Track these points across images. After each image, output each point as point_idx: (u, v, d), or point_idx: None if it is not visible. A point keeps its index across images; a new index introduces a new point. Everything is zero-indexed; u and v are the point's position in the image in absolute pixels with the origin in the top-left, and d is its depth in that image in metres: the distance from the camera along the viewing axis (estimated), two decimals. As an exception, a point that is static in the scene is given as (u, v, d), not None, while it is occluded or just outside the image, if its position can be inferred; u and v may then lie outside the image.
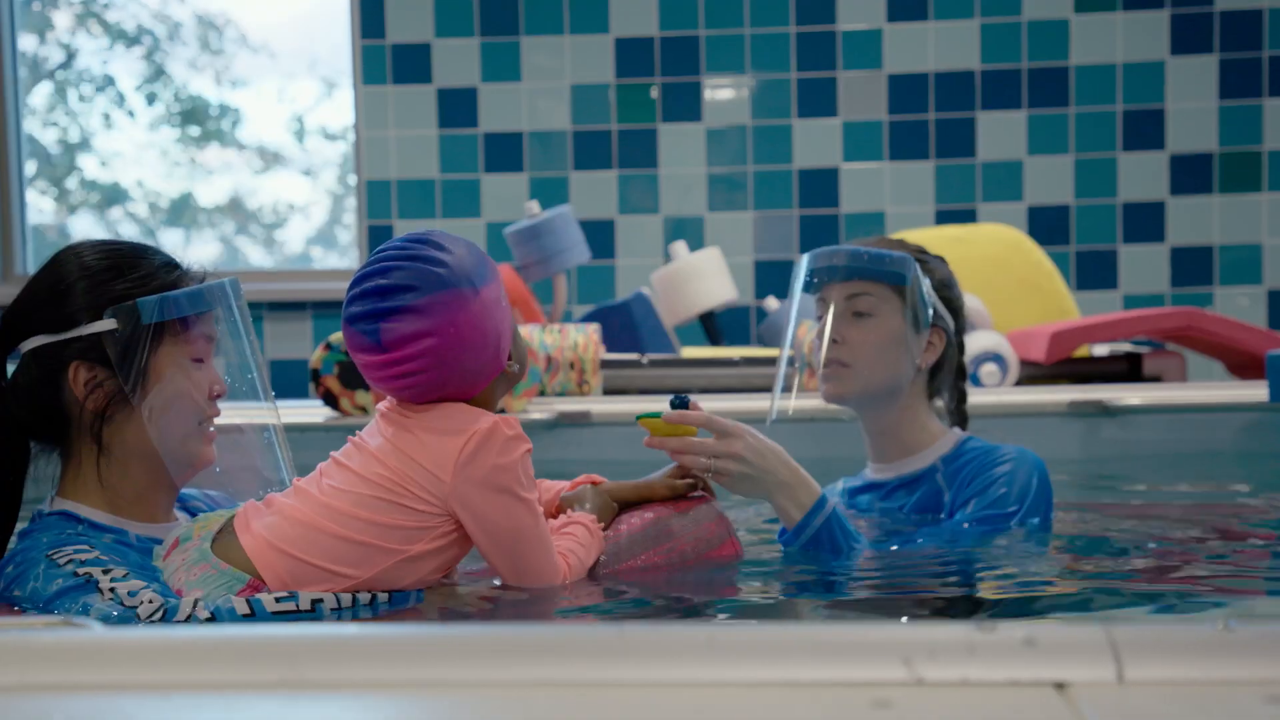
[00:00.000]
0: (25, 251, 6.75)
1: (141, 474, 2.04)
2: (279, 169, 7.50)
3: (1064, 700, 1.09)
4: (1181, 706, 1.09)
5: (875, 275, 2.58)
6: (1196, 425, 4.02)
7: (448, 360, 1.90)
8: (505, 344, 1.97)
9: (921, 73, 6.39)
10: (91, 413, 2.01)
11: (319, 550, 1.88)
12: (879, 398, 2.61)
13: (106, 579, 1.87)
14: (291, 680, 1.14)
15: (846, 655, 1.15)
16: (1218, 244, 6.33)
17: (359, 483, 1.90)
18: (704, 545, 2.17)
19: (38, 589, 1.89)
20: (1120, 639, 1.15)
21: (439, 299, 1.89)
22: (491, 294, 1.93)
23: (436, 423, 1.91)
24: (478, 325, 1.91)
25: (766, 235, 6.45)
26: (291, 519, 1.90)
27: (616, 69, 6.45)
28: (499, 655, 1.15)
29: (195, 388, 2.04)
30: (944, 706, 1.09)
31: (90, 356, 2.00)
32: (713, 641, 1.14)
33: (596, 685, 1.12)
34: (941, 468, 2.61)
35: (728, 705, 1.09)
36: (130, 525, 2.04)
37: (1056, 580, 2.25)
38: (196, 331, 2.05)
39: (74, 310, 2.00)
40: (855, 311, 2.58)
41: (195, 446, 2.06)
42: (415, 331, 1.89)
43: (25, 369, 2.04)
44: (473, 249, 1.96)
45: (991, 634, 1.16)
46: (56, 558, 1.92)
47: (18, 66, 6.79)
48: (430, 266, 1.90)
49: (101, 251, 2.06)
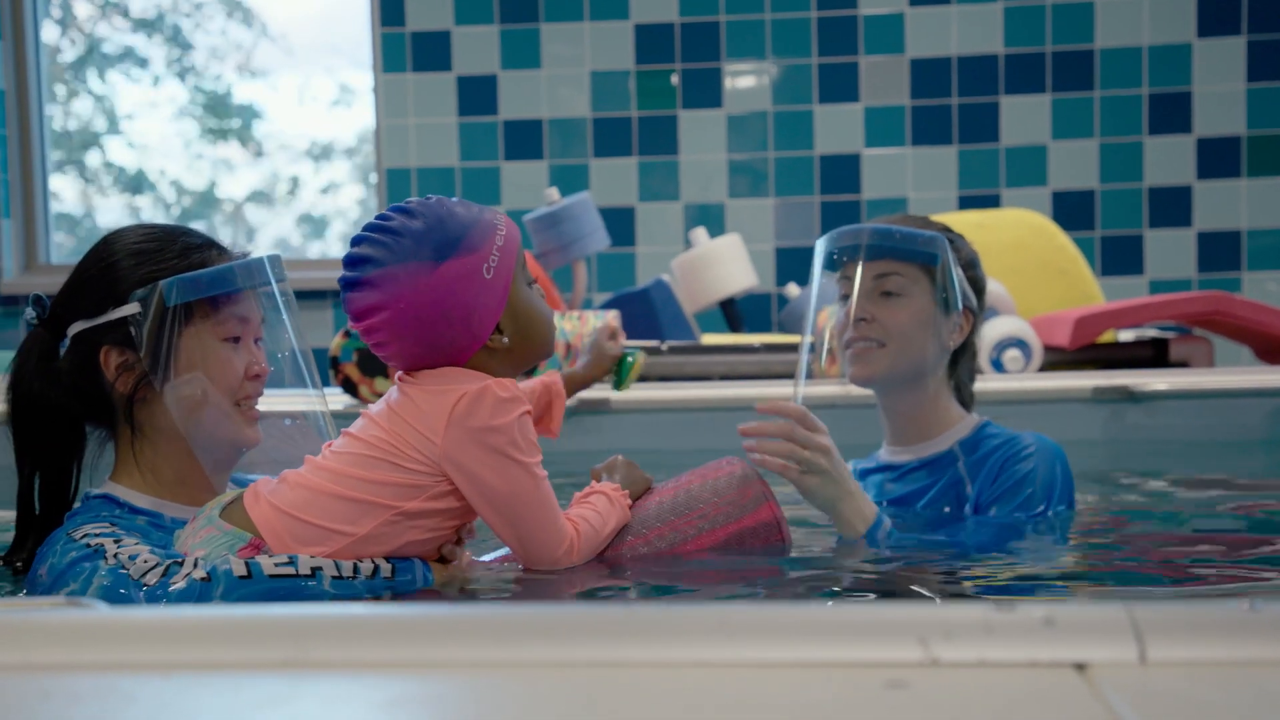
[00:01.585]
0: (48, 241, 6.76)
1: (179, 455, 2.06)
2: (307, 162, 7.53)
3: (1084, 681, 1.07)
4: (1206, 687, 1.06)
5: (907, 255, 2.52)
6: (1223, 411, 3.98)
7: (404, 334, 1.91)
8: (483, 318, 1.93)
9: (944, 57, 6.34)
10: (124, 395, 2.03)
11: (316, 509, 1.88)
12: (905, 380, 2.57)
13: (114, 546, 1.88)
14: (297, 660, 1.12)
15: (861, 635, 1.12)
16: (1245, 228, 6.27)
17: (356, 445, 1.92)
18: (738, 510, 2.13)
19: (54, 563, 1.90)
20: (1143, 619, 1.12)
21: (392, 272, 1.89)
22: (461, 267, 1.90)
23: (430, 384, 1.92)
24: (435, 300, 1.89)
25: (788, 222, 6.42)
26: (293, 484, 1.91)
27: (636, 55, 6.43)
28: (506, 635, 1.13)
29: (225, 368, 2.04)
30: (960, 687, 1.06)
31: (120, 340, 2.02)
32: (724, 621, 1.12)
33: (606, 665, 1.10)
34: (960, 454, 2.57)
35: (739, 685, 1.07)
36: (170, 508, 2.05)
37: (1078, 564, 2.23)
38: (228, 311, 2.04)
39: (106, 295, 2.03)
40: (884, 291, 2.53)
41: (232, 427, 2.05)
42: (371, 304, 1.90)
43: (68, 355, 2.06)
44: (456, 219, 1.93)
45: (1010, 614, 1.14)
46: (74, 534, 1.93)
47: (40, 56, 6.80)
48: (390, 238, 1.90)
49: (142, 235, 2.07)
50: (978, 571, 2.16)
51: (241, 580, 1.80)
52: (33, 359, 2.07)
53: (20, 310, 6.52)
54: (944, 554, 2.26)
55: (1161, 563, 2.25)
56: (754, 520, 2.13)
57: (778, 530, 2.14)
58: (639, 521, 2.12)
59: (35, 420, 2.07)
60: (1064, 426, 3.62)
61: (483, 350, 1.95)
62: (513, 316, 1.96)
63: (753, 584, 2.05)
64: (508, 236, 1.95)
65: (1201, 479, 3.51)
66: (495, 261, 1.92)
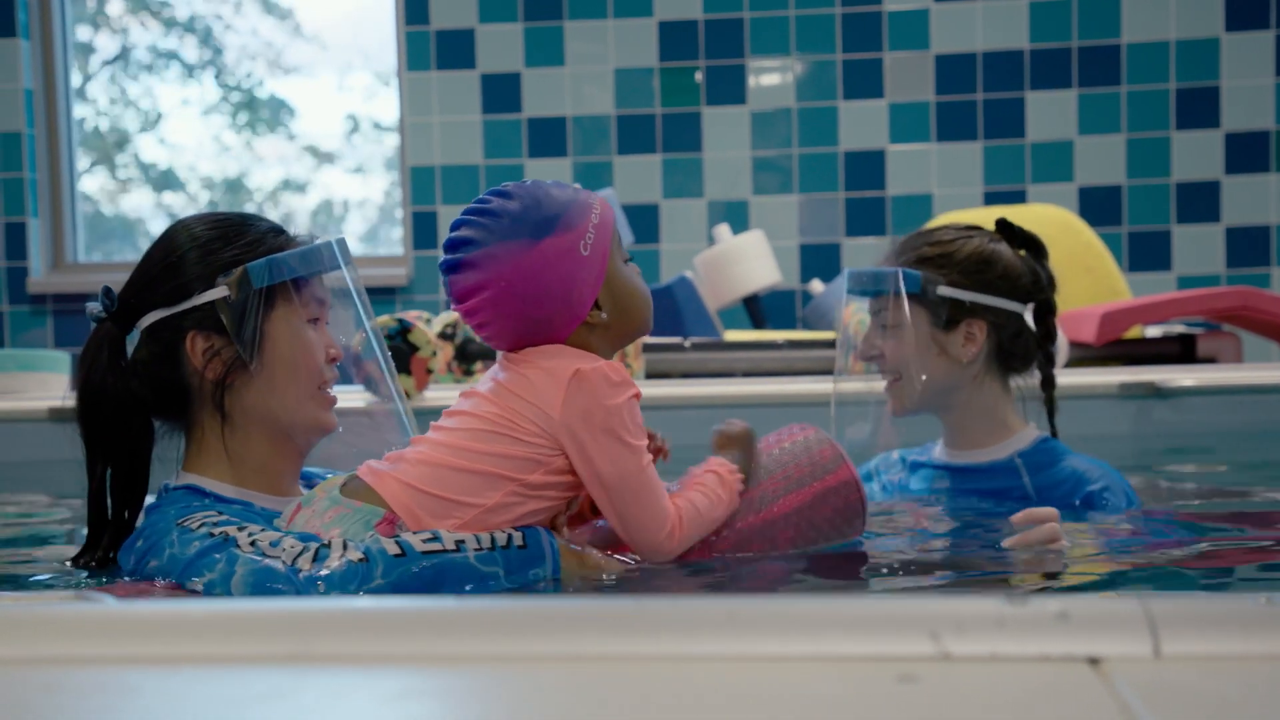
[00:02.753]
0: (76, 239, 6.79)
1: (265, 442, 2.05)
2: (332, 165, 7.55)
3: (1098, 675, 1.05)
4: (1221, 681, 1.04)
5: (879, 293, 2.60)
6: (1251, 406, 3.95)
7: (506, 312, 1.93)
8: (582, 294, 1.95)
9: (969, 52, 6.31)
10: (211, 382, 2.02)
11: (443, 483, 1.90)
12: (937, 399, 2.61)
13: (244, 535, 1.86)
14: (300, 654, 1.11)
15: (871, 629, 1.11)
16: (1275, 224, 6.22)
17: (473, 420, 1.94)
18: (821, 470, 2.16)
19: (175, 555, 1.88)
20: (1157, 612, 1.11)
21: (490, 252, 1.91)
22: (559, 244, 1.92)
23: (543, 361, 1.94)
24: (535, 277, 1.92)
25: (812, 218, 6.40)
26: (415, 461, 1.92)
27: (660, 52, 6.42)
28: (513, 628, 1.12)
29: (312, 350, 2.05)
30: (972, 681, 1.05)
31: (206, 325, 2.01)
32: (734, 615, 1.11)
33: (613, 659, 1.10)
34: (1024, 469, 2.59)
35: (749, 679, 1.06)
36: (255, 497, 2.04)
37: (1099, 560, 2.21)
38: (308, 293, 2.06)
39: (186, 281, 2.01)
40: (883, 325, 2.60)
41: (316, 410, 2.06)
42: (473, 284, 1.93)
43: (144, 346, 2.04)
44: (551, 199, 1.95)
45: (1022, 608, 1.12)
46: (187, 524, 1.91)
47: (69, 58, 6.83)
48: (489, 219, 1.93)
49: (208, 223, 2.06)
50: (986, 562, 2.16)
51: (397, 559, 1.81)
52: (104, 353, 2.03)
53: (48, 310, 6.55)
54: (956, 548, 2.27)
55: (1183, 558, 2.23)
56: (835, 480, 2.17)
57: (856, 488, 2.19)
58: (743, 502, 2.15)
59: (108, 416, 2.04)
60: (1090, 422, 3.60)
61: (583, 327, 1.97)
62: (611, 292, 1.98)
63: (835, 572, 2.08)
64: (602, 215, 1.97)
65: (1228, 474, 3.48)
66: (592, 239, 1.94)
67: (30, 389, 4.25)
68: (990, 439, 2.63)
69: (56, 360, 4.41)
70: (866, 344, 2.61)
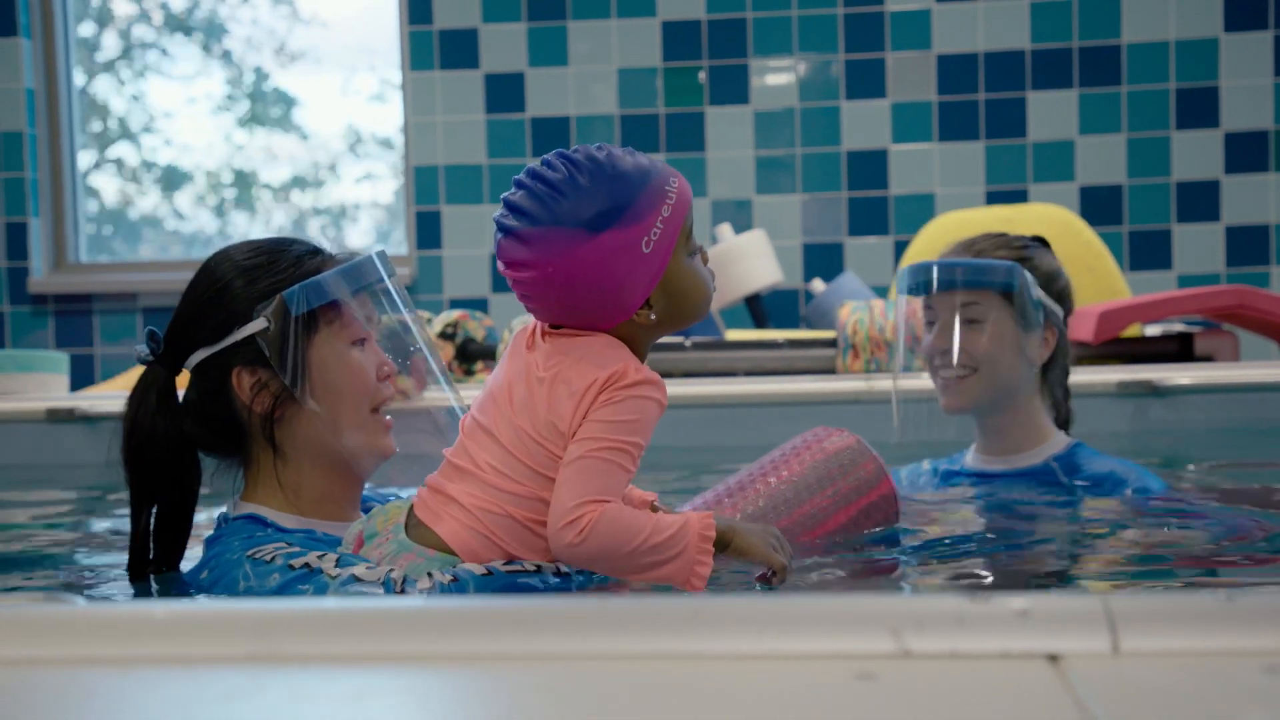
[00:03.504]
0: (78, 239, 6.81)
1: (320, 472, 2.00)
2: (340, 162, 7.57)
3: (1056, 672, 1.07)
4: (1178, 678, 1.06)
5: (979, 285, 2.62)
6: (1247, 405, 3.96)
7: (551, 295, 1.81)
8: (635, 292, 1.81)
9: (971, 53, 6.32)
10: (260, 416, 1.97)
11: (502, 531, 1.81)
12: (997, 401, 2.66)
13: (327, 564, 1.82)
14: (261, 654, 1.12)
15: (832, 627, 1.12)
16: (1274, 223, 6.23)
17: (513, 464, 1.81)
18: (866, 485, 2.19)
19: (252, 589, 1.83)
20: (1117, 609, 1.12)
21: (544, 233, 1.77)
22: (619, 240, 1.77)
23: (571, 369, 1.81)
24: (586, 271, 1.78)
25: (815, 218, 6.41)
26: (475, 507, 1.82)
27: (664, 52, 6.43)
28: (474, 628, 1.13)
29: (360, 372, 1.98)
30: (931, 678, 1.07)
31: (250, 359, 1.96)
32: (696, 614, 1.12)
33: (575, 658, 1.11)
34: (1061, 471, 2.65)
35: (710, 677, 1.08)
36: (316, 524, 1.99)
37: (1082, 561, 2.22)
38: (350, 313, 1.99)
39: (225, 317, 1.97)
40: (967, 319, 2.63)
41: (373, 434, 2.00)
42: (521, 259, 1.79)
43: (194, 385, 2.01)
44: (623, 182, 1.78)
45: (983, 605, 1.14)
46: (260, 555, 1.87)
47: (71, 57, 6.85)
48: (551, 194, 1.78)
49: (245, 252, 2.01)
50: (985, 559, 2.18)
51: (485, 577, 1.77)
52: (151, 396, 1.99)
53: (49, 310, 6.58)
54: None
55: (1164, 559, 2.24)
56: (878, 495, 2.21)
57: (895, 501, 2.23)
58: (781, 501, 2.16)
59: (158, 458, 1.99)
60: (1088, 421, 3.60)
61: (628, 321, 1.84)
62: (665, 291, 1.83)
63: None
64: (676, 204, 1.82)
65: (1224, 472, 3.49)
66: (657, 235, 1.79)
67: (28, 390, 4.25)
68: (1028, 444, 2.69)
69: (55, 361, 4.41)
70: (941, 336, 2.64)
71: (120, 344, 6.53)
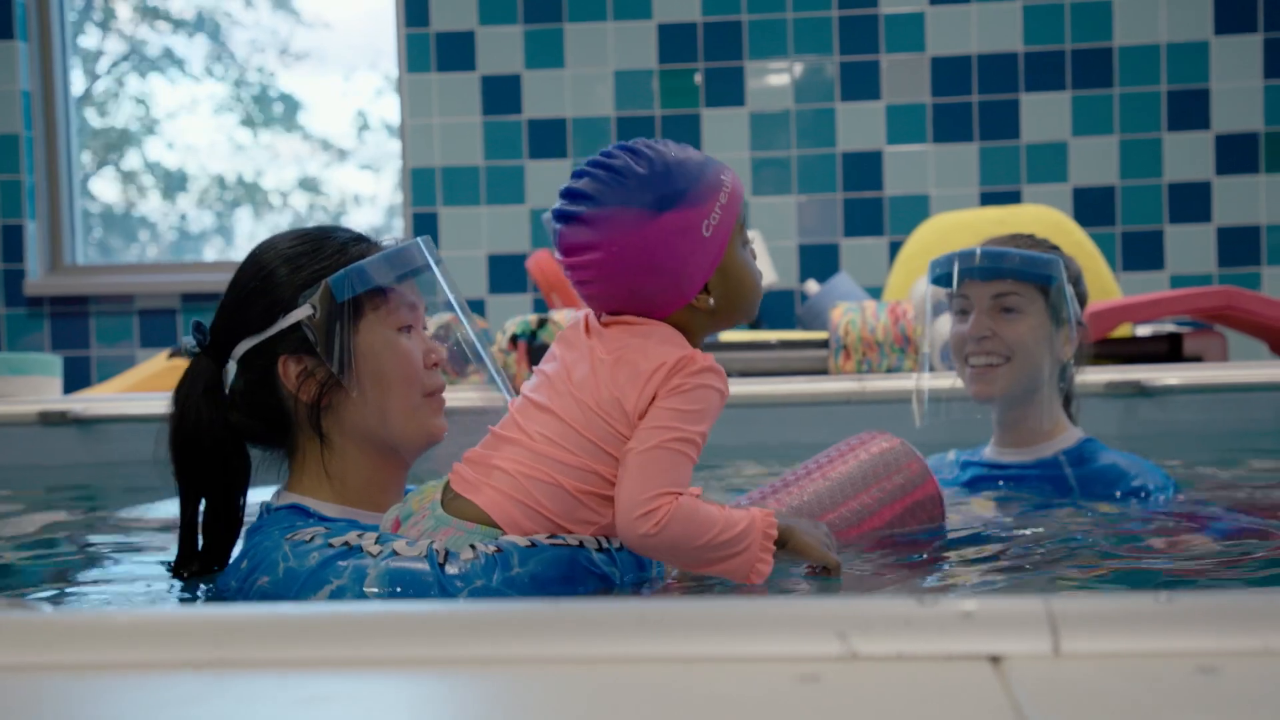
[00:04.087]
0: (74, 242, 6.83)
1: (365, 460, 1.99)
2: (343, 162, 7.59)
3: (996, 674, 1.09)
4: (1115, 678, 1.08)
5: (1025, 275, 2.68)
6: (1234, 405, 3.98)
7: (613, 277, 1.83)
8: (695, 275, 1.85)
9: (964, 55, 6.35)
10: (307, 404, 1.96)
11: (559, 504, 1.82)
12: (1029, 389, 2.73)
13: (367, 541, 1.82)
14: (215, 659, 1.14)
15: (780, 629, 1.15)
16: (1265, 223, 6.25)
17: (567, 433, 1.82)
18: (911, 484, 2.25)
19: (293, 568, 1.83)
20: (1059, 611, 1.15)
21: (609, 214, 1.81)
22: (681, 221, 1.81)
23: (632, 353, 1.83)
24: (649, 250, 1.81)
25: (811, 219, 6.43)
26: (521, 475, 1.83)
27: (660, 54, 6.46)
28: (423, 632, 1.14)
29: (408, 358, 1.97)
30: (874, 680, 1.09)
31: (296, 347, 1.95)
32: (644, 616, 1.15)
33: (526, 661, 1.13)
34: (1067, 464, 2.72)
35: (656, 680, 1.09)
36: (360, 515, 1.98)
37: (1054, 563, 2.24)
38: (396, 300, 1.98)
39: (270, 305, 1.96)
40: (1004, 308, 2.70)
41: (423, 419, 1.99)
42: (584, 242, 1.82)
43: (240, 376, 1.99)
44: (683, 168, 1.83)
45: (931, 608, 1.16)
46: (298, 538, 1.87)
47: (68, 59, 6.87)
48: (614, 178, 1.82)
49: (290, 241, 2.01)
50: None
51: (529, 549, 1.78)
52: (199, 388, 1.99)
53: (45, 312, 6.60)
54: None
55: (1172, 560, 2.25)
56: (923, 493, 2.26)
57: (940, 503, 2.28)
58: (827, 495, 2.21)
59: (207, 451, 1.99)
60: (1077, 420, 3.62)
61: (686, 308, 1.87)
62: (723, 278, 1.88)
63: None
64: (731, 194, 1.87)
65: (1210, 472, 3.50)
66: (716, 220, 1.84)
67: (21, 393, 4.25)
68: (1042, 436, 2.76)
69: (48, 363, 4.41)
70: (979, 323, 2.70)
71: (117, 346, 6.55)
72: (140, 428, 4.00)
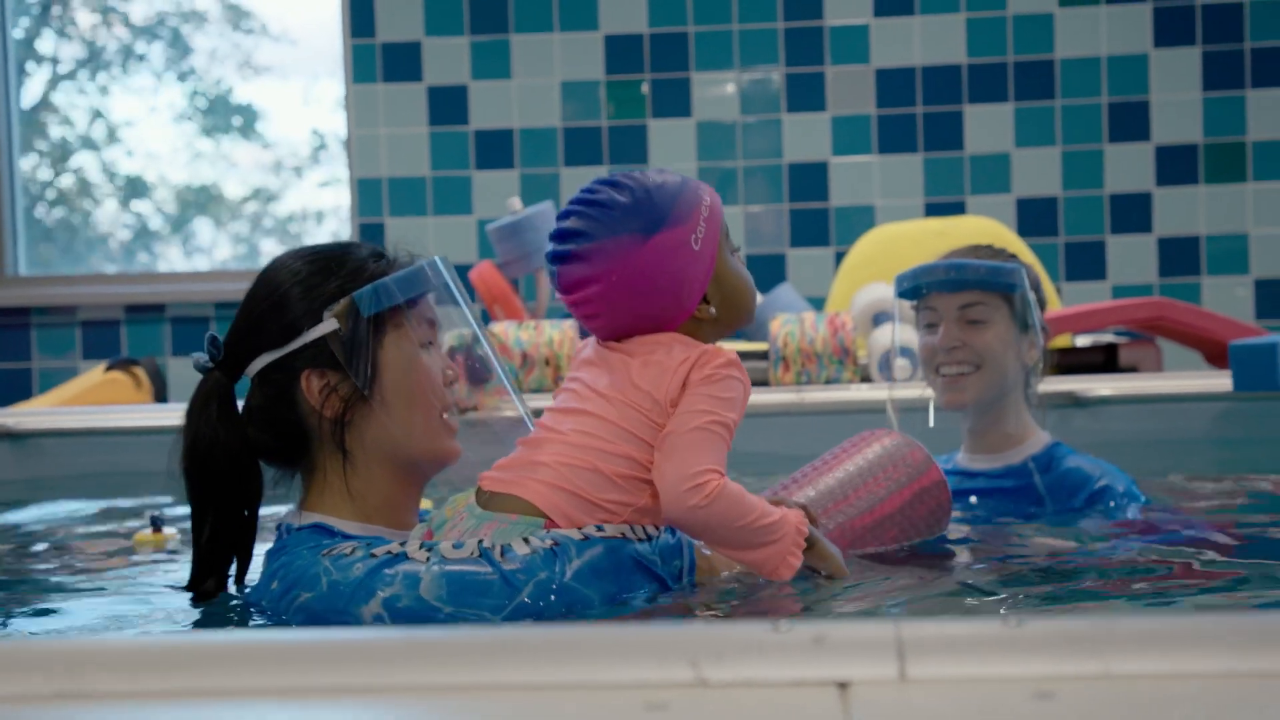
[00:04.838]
0: (17, 251, 6.75)
1: (387, 476, 1.99)
2: (302, 173, 7.57)
3: (842, 701, 1.10)
4: (955, 704, 1.09)
5: (990, 285, 2.75)
6: (1167, 415, 4.02)
7: (616, 306, 1.93)
8: (693, 288, 1.96)
9: (908, 67, 6.38)
10: (330, 420, 1.96)
11: (590, 485, 1.88)
12: (997, 396, 2.80)
13: (411, 548, 1.83)
14: (69, 691, 1.14)
15: (631, 656, 1.15)
16: (1204, 234, 6.30)
17: (603, 426, 1.91)
18: (916, 471, 2.35)
19: (337, 581, 1.83)
20: (906, 636, 1.16)
21: (602, 246, 1.91)
22: (670, 239, 1.93)
23: (656, 353, 1.93)
24: (646, 272, 1.92)
25: (757, 229, 6.45)
26: (555, 464, 1.89)
27: (606, 66, 6.47)
28: (278, 661, 1.15)
29: (430, 374, 2.00)
30: (721, 708, 1.09)
31: (319, 362, 1.95)
32: (497, 643, 1.15)
33: (369, 690, 1.13)
34: (1036, 471, 2.79)
35: (506, 708, 1.10)
36: (381, 531, 1.98)
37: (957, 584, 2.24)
38: (418, 316, 2.01)
39: (293, 319, 1.96)
40: (970, 319, 2.76)
41: (442, 437, 2.01)
42: (583, 277, 1.92)
43: (256, 391, 2.00)
44: (663, 191, 1.96)
45: (784, 634, 1.17)
46: (336, 552, 1.87)
47: (9, 58, 6.79)
48: (601, 212, 1.93)
49: (306, 257, 2.01)
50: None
51: (583, 542, 1.83)
52: (212, 405, 1.98)
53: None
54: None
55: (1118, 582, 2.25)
56: (928, 480, 2.36)
57: (945, 488, 2.38)
58: (837, 485, 2.30)
59: (221, 469, 1.98)
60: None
61: (690, 320, 1.98)
62: (719, 286, 1.99)
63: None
64: (712, 207, 1.98)
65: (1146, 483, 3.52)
66: (702, 232, 1.95)
67: None
68: (1011, 442, 2.84)
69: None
70: (949, 334, 2.76)
71: (64, 357, 6.51)
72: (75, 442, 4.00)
